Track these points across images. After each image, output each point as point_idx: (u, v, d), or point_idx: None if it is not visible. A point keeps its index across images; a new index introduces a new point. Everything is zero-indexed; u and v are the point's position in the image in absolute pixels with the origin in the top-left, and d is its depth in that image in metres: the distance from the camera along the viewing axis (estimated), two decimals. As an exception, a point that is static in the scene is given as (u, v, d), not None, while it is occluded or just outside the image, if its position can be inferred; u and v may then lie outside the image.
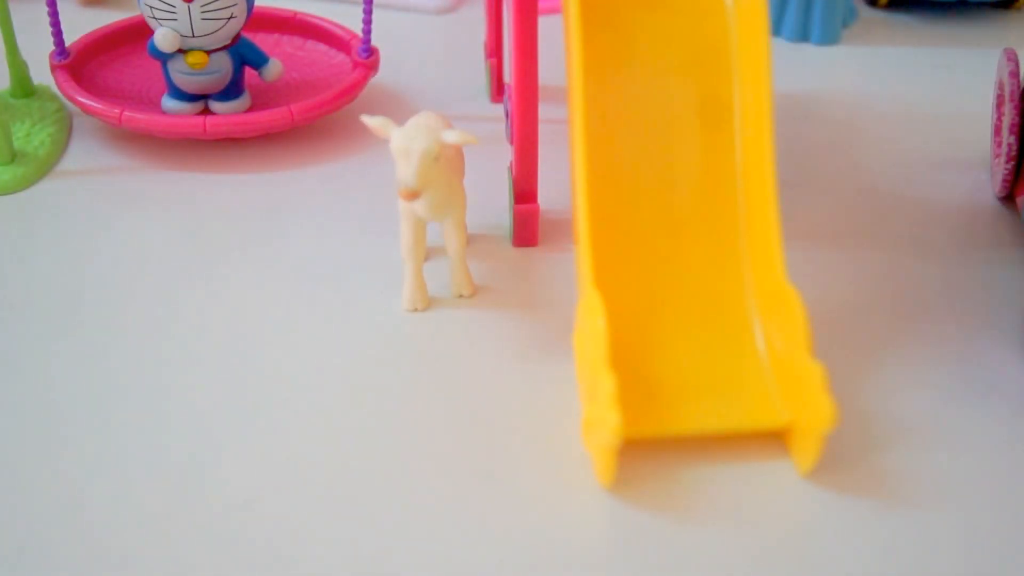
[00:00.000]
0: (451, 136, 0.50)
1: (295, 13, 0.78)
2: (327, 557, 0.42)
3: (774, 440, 0.48)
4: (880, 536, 0.44)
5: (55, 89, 0.72)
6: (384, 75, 0.76)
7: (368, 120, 0.51)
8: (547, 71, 0.58)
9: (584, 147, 0.50)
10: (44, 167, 0.67)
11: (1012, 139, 0.62)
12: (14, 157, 0.66)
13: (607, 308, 0.46)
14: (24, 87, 0.73)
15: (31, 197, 0.65)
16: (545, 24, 0.57)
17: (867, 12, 0.92)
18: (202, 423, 0.49)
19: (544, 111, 0.58)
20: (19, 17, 0.73)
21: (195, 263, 0.59)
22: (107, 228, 0.62)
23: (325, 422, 0.49)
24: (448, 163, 0.52)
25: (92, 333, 0.54)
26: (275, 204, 0.64)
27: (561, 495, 0.45)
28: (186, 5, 0.64)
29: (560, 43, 0.54)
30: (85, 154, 0.69)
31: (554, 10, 0.70)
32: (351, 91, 0.70)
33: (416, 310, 0.55)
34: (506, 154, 0.61)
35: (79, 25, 0.77)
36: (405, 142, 0.49)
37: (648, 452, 0.47)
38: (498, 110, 0.73)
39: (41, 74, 0.73)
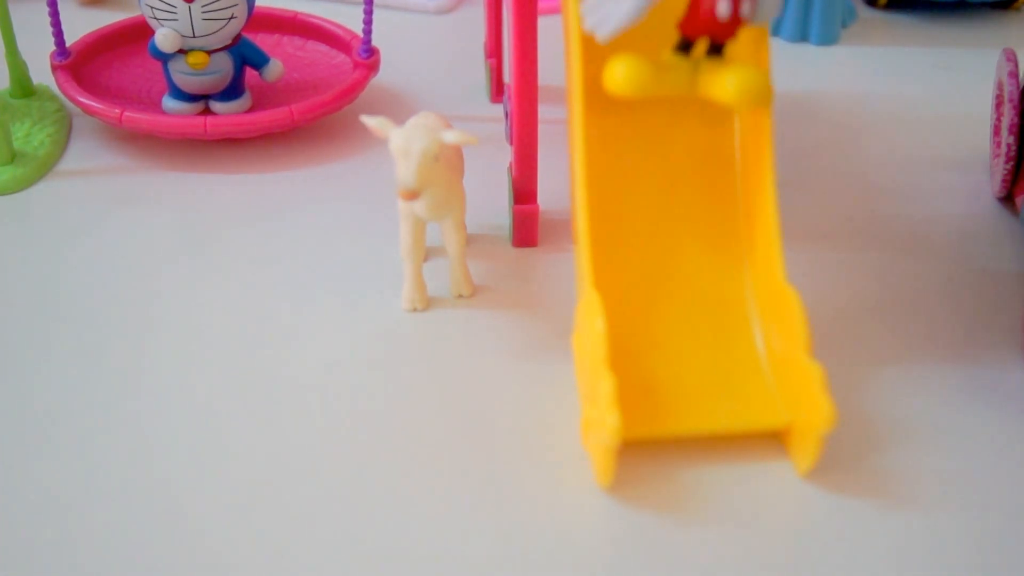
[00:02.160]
0: (450, 136, 0.50)
1: (296, 13, 0.79)
2: (326, 556, 0.42)
3: (773, 441, 0.48)
4: (879, 536, 0.44)
5: (55, 89, 0.72)
6: (384, 75, 0.76)
7: (368, 120, 0.51)
8: (547, 71, 0.58)
9: (584, 147, 0.50)
10: (44, 167, 0.67)
11: (1011, 139, 0.62)
12: (14, 157, 0.66)
13: (606, 309, 0.46)
14: (24, 87, 0.73)
15: (31, 197, 0.65)
16: (545, 24, 0.57)
17: (866, 12, 0.92)
18: (202, 422, 0.49)
19: (544, 111, 0.58)
20: (19, 17, 0.73)
21: (195, 263, 0.59)
22: (107, 228, 0.62)
23: (324, 421, 0.49)
24: (448, 163, 0.52)
25: (92, 333, 0.54)
26: (275, 204, 0.64)
27: (560, 496, 0.45)
28: (187, 5, 0.64)
29: (560, 43, 0.54)
30: (85, 154, 0.69)
31: (554, 10, 0.70)
32: (351, 91, 0.70)
33: (415, 310, 0.56)
34: (506, 154, 0.61)
35: (79, 25, 0.77)
36: (405, 142, 0.49)
37: (647, 453, 0.47)
38: (498, 110, 0.73)
39: (41, 74, 0.73)
